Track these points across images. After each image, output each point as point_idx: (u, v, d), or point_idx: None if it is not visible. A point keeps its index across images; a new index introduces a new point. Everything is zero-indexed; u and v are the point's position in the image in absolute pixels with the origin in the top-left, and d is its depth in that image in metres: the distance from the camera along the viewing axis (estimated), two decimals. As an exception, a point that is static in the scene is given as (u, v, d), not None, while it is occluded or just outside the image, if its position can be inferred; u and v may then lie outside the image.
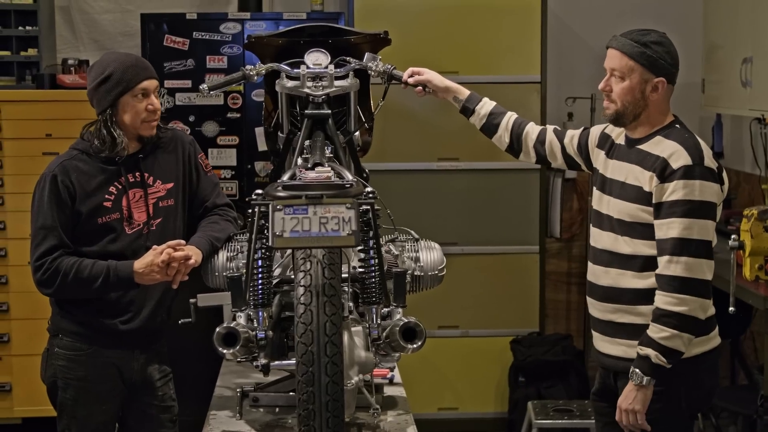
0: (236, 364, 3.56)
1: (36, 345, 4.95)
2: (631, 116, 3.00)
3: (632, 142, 3.05)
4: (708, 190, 2.88)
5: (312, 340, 2.36)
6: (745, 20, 5.02)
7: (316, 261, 2.43)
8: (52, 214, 3.12)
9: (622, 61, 2.97)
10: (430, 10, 5.31)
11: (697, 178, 2.87)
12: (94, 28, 5.75)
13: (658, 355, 2.86)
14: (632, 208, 2.97)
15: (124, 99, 3.16)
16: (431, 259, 3.11)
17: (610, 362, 3.10)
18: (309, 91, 3.14)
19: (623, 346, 3.03)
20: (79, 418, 3.25)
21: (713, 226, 2.90)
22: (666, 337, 2.85)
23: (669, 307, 2.85)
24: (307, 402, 2.36)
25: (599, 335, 3.13)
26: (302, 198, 2.45)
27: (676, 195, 2.87)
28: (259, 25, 5.19)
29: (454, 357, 5.47)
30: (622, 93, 2.98)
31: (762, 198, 5.35)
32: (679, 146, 2.92)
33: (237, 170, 5.19)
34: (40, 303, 4.83)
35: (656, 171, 2.91)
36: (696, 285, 2.85)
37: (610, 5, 6.00)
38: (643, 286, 2.96)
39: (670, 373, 2.91)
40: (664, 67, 2.97)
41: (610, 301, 3.05)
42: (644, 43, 2.95)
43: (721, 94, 5.39)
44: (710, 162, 2.91)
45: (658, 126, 3.02)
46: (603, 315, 3.09)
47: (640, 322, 2.97)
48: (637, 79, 2.96)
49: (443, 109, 4.87)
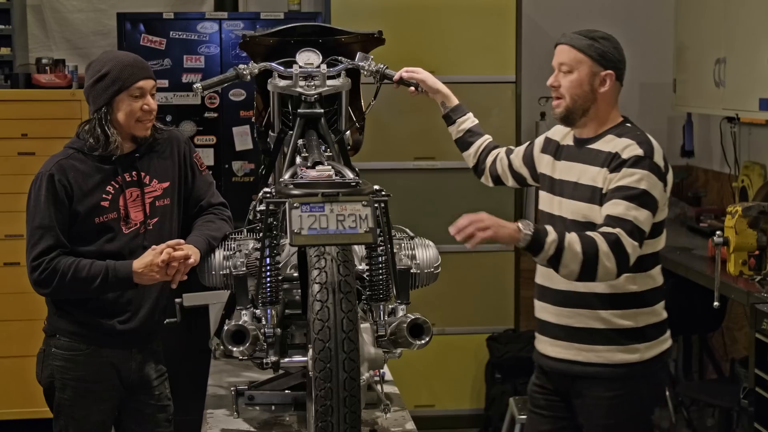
0: (225, 363, 3.56)
1: (13, 347, 4.97)
2: (580, 111, 2.99)
3: (582, 142, 3.04)
4: (652, 183, 2.87)
5: (329, 336, 2.37)
6: (716, 21, 5.12)
7: (331, 258, 2.44)
8: (49, 213, 3.09)
9: (570, 54, 2.98)
10: (406, 9, 5.35)
11: (644, 168, 2.87)
12: (66, 27, 5.70)
13: (561, 249, 2.77)
14: (586, 207, 2.97)
15: (120, 98, 3.14)
16: (427, 256, 3.14)
17: (562, 366, 3.09)
18: (301, 90, 3.15)
19: (577, 350, 3.03)
20: (76, 419, 3.23)
21: (650, 219, 2.87)
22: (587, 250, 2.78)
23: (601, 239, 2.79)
24: (324, 398, 2.37)
25: (549, 339, 3.12)
26: (318, 196, 2.47)
27: (622, 182, 2.86)
28: (236, 24, 5.20)
29: (431, 354, 5.45)
30: (571, 86, 2.97)
31: (732, 196, 5.47)
32: (633, 141, 2.92)
33: (215, 170, 5.17)
34: (17, 305, 4.85)
35: (608, 164, 2.92)
36: (622, 250, 2.79)
37: (582, 7, 6.10)
38: (601, 290, 2.97)
39: (629, 378, 2.97)
40: (612, 61, 2.98)
41: (566, 305, 3.05)
42: (592, 37, 2.98)
43: (692, 93, 5.49)
44: (659, 160, 2.92)
45: (608, 125, 3.01)
46: (558, 319, 3.08)
47: (600, 327, 2.99)
48: (585, 71, 2.96)
49: (421, 109, 4.93)
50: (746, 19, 4.79)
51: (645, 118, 6.12)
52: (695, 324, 5.36)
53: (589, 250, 2.77)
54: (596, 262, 2.77)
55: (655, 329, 3.04)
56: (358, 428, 2.45)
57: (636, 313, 3.00)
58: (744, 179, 5.27)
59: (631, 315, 3.00)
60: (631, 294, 2.99)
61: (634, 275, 2.96)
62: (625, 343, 2.99)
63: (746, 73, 4.77)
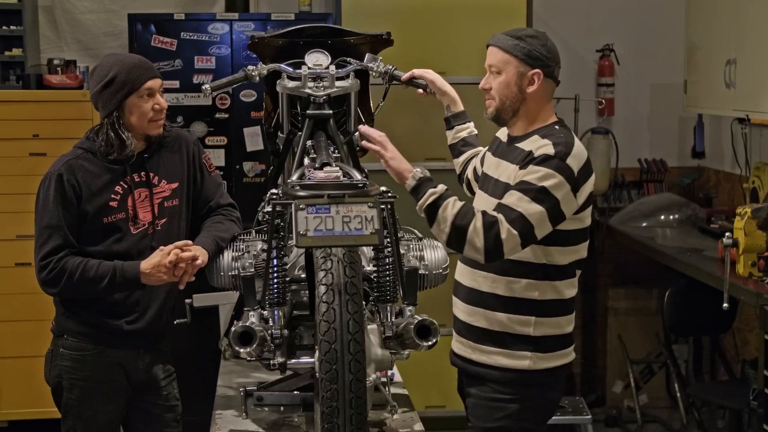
0: (235, 364, 3.57)
1: (23, 347, 4.99)
2: (510, 112, 2.98)
3: (512, 140, 3.03)
4: (555, 183, 2.80)
5: (335, 338, 2.37)
6: (727, 22, 5.10)
7: (337, 260, 2.45)
8: (58, 213, 3.10)
9: (497, 56, 2.97)
10: (417, 10, 5.34)
11: (550, 168, 2.80)
12: (77, 28, 5.72)
13: (440, 206, 2.81)
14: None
15: (130, 100, 3.15)
16: (435, 257, 3.13)
17: (460, 363, 3.10)
18: (310, 91, 3.16)
19: (471, 349, 3.03)
20: (84, 419, 3.24)
21: (542, 216, 2.79)
22: (458, 213, 2.80)
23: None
24: (330, 399, 2.37)
25: (455, 335, 3.12)
26: (324, 197, 2.47)
27: (525, 177, 2.83)
28: (247, 25, 5.20)
29: (442, 355, 5.47)
30: (500, 87, 2.97)
31: (743, 197, 5.45)
32: (549, 141, 2.87)
33: (225, 171, 5.18)
34: (27, 305, 4.87)
35: (520, 162, 2.89)
36: (495, 234, 2.77)
37: (592, 7, 6.08)
38: (502, 293, 2.95)
39: (516, 384, 2.94)
40: (539, 59, 2.92)
41: (470, 303, 3.03)
42: (519, 36, 2.94)
43: (703, 94, 5.48)
44: (574, 163, 2.84)
45: (537, 124, 2.98)
46: (463, 316, 3.07)
47: (496, 329, 2.97)
48: (512, 71, 2.94)
49: (430, 110, 4.91)
50: (757, 20, 4.78)
51: (656, 118, 6.14)
52: (706, 325, 5.34)
53: (462, 220, 2.80)
54: (465, 234, 2.79)
55: (553, 341, 2.98)
56: (365, 430, 2.45)
57: (533, 321, 2.94)
58: (755, 180, 5.25)
59: (528, 322, 2.94)
60: (531, 301, 2.94)
61: (537, 282, 2.92)
62: (516, 348, 2.94)
63: (757, 74, 4.76)
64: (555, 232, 2.87)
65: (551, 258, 2.91)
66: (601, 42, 6.06)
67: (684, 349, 5.79)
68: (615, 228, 5.81)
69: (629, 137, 6.10)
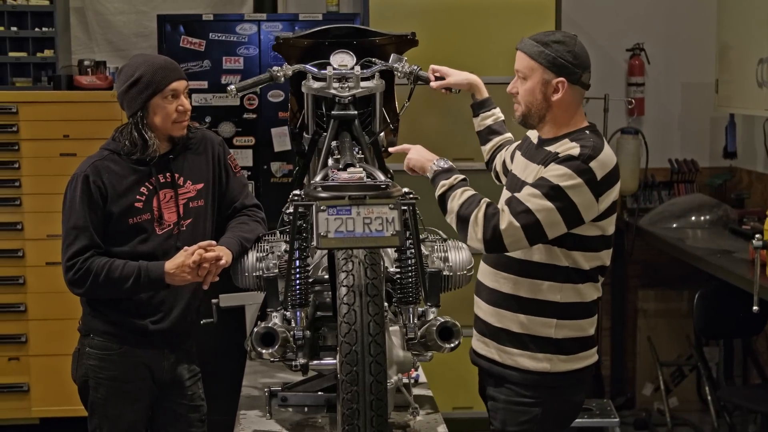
0: (260, 364, 3.58)
1: (53, 345, 5.04)
2: (536, 118, 2.95)
3: (541, 143, 3.00)
4: (573, 183, 2.77)
5: (356, 339, 2.37)
6: (759, 21, 5.04)
7: (358, 261, 2.44)
8: (84, 214, 3.13)
9: (523, 62, 2.93)
10: (444, 10, 5.32)
11: (570, 168, 2.77)
12: (108, 29, 5.76)
13: (453, 193, 2.89)
14: None
15: (155, 101, 3.17)
16: (460, 259, 3.13)
17: (483, 363, 3.08)
18: (335, 92, 3.16)
19: (496, 349, 3.01)
20: (110, 417, 3.27)
21: (553, 214, 2.76)
22: (465, 202, 2.84)
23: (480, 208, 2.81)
24: (351, 401, 2.37)
25: (477, 334, 3.10)
26: (345, 199, 2.47)
27: (543, 174, 2.81)
28: (275, 26, 5.21)
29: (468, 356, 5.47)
30: (525, 94, 2.94)
31: (775, 197, 5.39)
32: (576, 144, 2.84)
33: (253, 171, 5.20)
34: (58, 304, 4.91)
35: (544, 163, 2.87)
36: (495, 225, 2.77)
37: (622, 6, 6.04)
38: (524, 294, 2.93)
39: (537, 387, 2.93)
40: (564, 67, 2.87)
41: (492, 303, 3.02)
42: (545, 42, 2.89)
43: (735, 94, 5.42)
44: (597, 168, 2.80)
45: (568, 128, 2.94)
46: (485, 316, 3.05)
47: (517, 330, 2.95)
48: (537, 79, 2.90)
49: (457, 110, 4.90)
50: (789, 19, 4.72)
51: (687, 118, 6.08)
52: (737, 328, 5.28)
53: (467, 210, 2.84)
54: (467, 223, 2.82)
55: (574, 344, 2.96)
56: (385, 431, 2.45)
57: (555, 324, 2.93)
58: (788, 181, 5.20)
59: (550, 324, 2.93)
60: (553, 303, 2.92)
61: (560, 285, 2.91)
62: (537, 350, 2.93)
63: (789, 74, 4.71)
64: (575, 236, 2.85)
65: (574, 262, 2.89)
66: (631, 41, 6.01)
67: (715, 351, 5.73)
68: (645, 229, 5.76)
69: (660, 137, 6.05)
